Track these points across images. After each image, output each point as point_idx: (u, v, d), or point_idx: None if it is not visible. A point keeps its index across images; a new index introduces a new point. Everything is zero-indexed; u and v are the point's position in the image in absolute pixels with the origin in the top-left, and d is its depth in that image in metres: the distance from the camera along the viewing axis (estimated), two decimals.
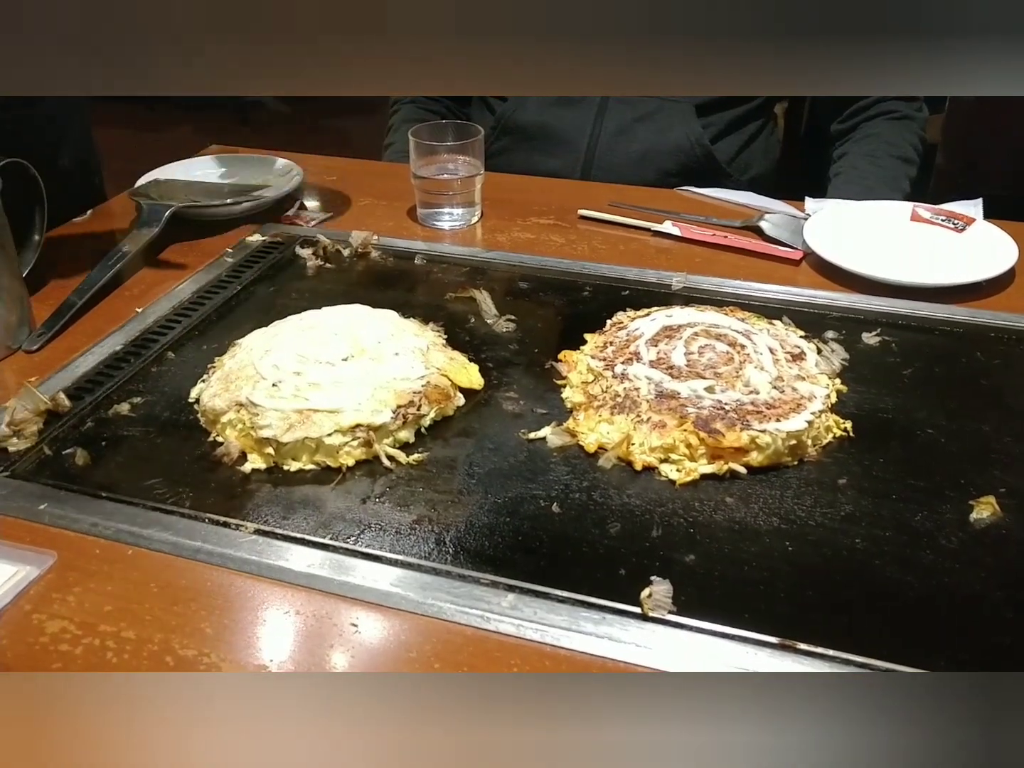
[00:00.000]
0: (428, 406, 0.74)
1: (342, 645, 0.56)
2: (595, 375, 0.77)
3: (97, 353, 0.84)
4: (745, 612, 0.57)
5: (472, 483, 0.69)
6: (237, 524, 0.64)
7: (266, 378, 0.74)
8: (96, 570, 0.61)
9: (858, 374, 0.81)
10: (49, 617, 0.57)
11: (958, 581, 0.60)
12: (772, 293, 0.94)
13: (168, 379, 0.81)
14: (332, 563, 0.61)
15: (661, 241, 1.08)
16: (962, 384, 0.80)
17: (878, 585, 0.59)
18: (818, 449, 0.71)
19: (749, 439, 0.68)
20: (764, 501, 0.66)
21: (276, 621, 0.57)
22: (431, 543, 0.63)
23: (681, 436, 0.69)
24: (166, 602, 0.58)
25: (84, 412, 0.76)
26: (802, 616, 0.57)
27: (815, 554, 0.62)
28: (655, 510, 0.65)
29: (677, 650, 0.55)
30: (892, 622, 0.57)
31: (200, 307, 0.92)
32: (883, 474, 0.69)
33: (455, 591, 0.59)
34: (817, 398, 0.73)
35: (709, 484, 0.68)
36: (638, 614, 0.57)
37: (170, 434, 0.74)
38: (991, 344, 0.86)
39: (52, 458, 0.71)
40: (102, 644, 0.56)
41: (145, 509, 0.66)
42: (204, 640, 0.56)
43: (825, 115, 1.44)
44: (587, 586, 0.59)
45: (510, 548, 0.62)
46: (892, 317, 0.90)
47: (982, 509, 0.65)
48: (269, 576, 0.60)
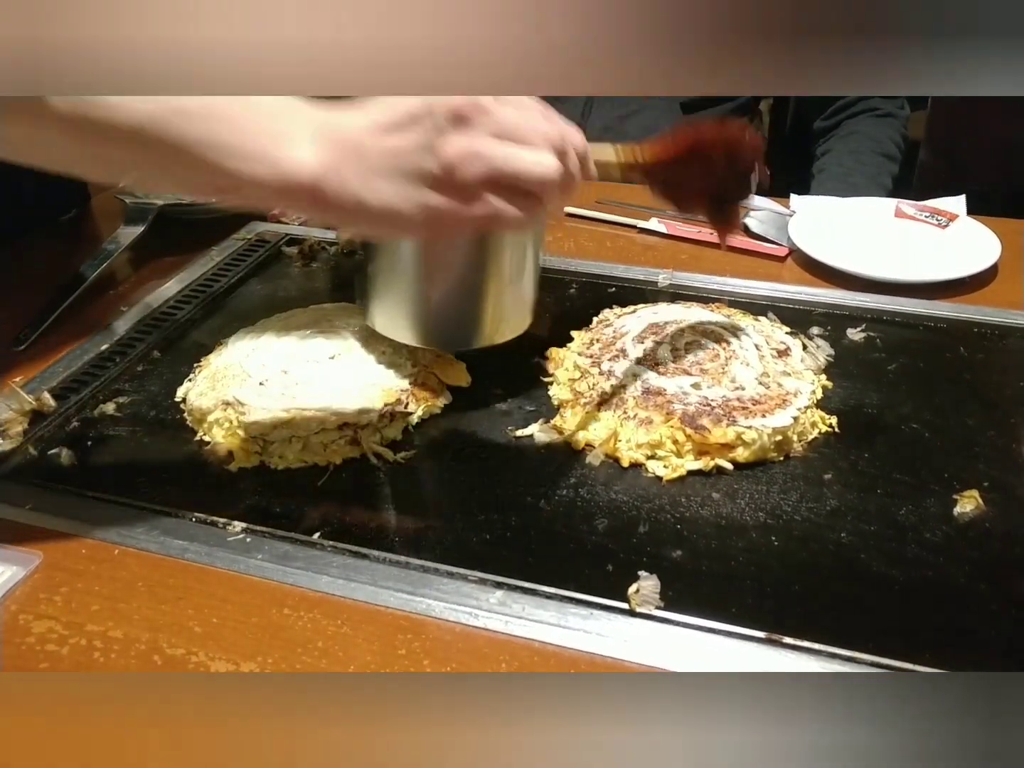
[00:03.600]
0: (415, 404, 0.74)
1: (331, 643, 0.56)
2: (582, 372, 0.77)
3: (82, 352, 0.84)
4: (732, 607, 0.57)
5: (459, 480, 0.69)
6: (224, 523, 0.64)
7: (253, 376, 0.74)
8: (83, 570, 0.61)
9: (843, 370, 0.81)
10: (36, 617, 0.57)
11: (943, 574, 0.60)
12: (757, 289, 0.95)
13: (154, 378, 0.81)
14: (320, 561, 0.61)
15: (647, 238, 1.08)
16: (946, 379, 0.81)
17: (864, 579, 0.60)
18: (804, 445, 0.72)
19: (735, 435, 0.68)
20: (750, 497, 0.67)
21: (264, 619, 0.57)
22: (419, 540, 0.63)
23: (668, 432, 0.69)
24: (154, 601, 0.58)
25: (70, 412, 0.76)
26: (789, 610, 0.57)
27: (801, 549, 0.62)
28: (642, 506, 0.66)
29: (665, 645, 0.55)
30: (878, 615, 0.58)
31: (186, 306, 0.92)
32: (868, 469, 0.70)
33: (443, 588, 0.59)
34: (803, 394, 0.74)
35: (696, 480, 0.68)
36: (626, 610, 0.57)
37: (156, 433, 0.74)
38: (974, 339, 0.86)
39: (37, 458, 0.71)
40: (89, 644, 0.55)
41: (132, 508, 0.65)
42: (192, 639, 0.56)
43: (809, 112, 1.44)
44: (575, 582, 0.59)
45: (498, 545, 0.62)
46: (877, 313, 0.90)
47: (966, 503, 0.66)
48: (257, 575, 0.60)
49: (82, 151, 0.53)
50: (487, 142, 0.52)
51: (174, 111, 0.50)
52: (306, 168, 0.52)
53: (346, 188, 0.52)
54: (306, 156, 0.52)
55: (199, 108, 0.51)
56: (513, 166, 0.53)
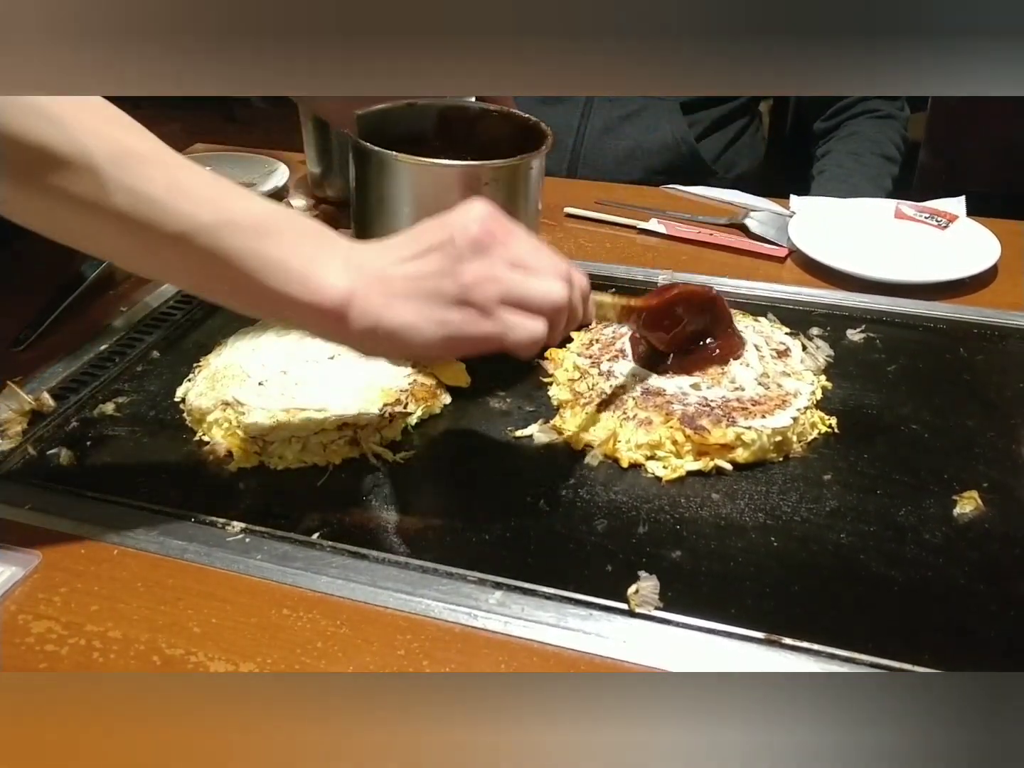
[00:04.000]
0: (415, 404, 0.74)
1: (330, 644, 0.55)
2: (581, 372, 0.77)
3: (82, 352, 0.84)
4: (731, 607, 0.57)
5: (459, 481, 0.69)
6: (224, 523, 0.64)
7: (252, 377, 0.74)
8: (82, 570, 0.61)
9: (843, 370, 0.81)
10: (35, 617, 0.57)
11: (942, 575, 0.60)
12: (757, 290, 0.95)
13: (154, 378, 0.81)
14: (319, 561, 0.61)
15: (647, 239, 1.08)
16: (945, 380, 0.81)
17: (863, 579, 0.60)
18: (803, 445, 0.72)
19: (735, 435, 0.68)
20: (750, 497, 0.67)
21: (263, 620, 0.57)
22: (418, 541, 0.63)
23: (667, 433, 0.69)
24: (153, 601, 0.58)
25: (69, 412, 0.76)
26: (788, 611, 0.57)
27: (801, 549, 0.62)
28: (641, 507, 0.66)
29: (664, 646, 0.55)
30: (877, 616, 0.58)
31: (186, 306, 0.92)
32: (868, 469, 0.70)
33: (442, 588, 0.59)
34: (802, 394, 0.74)
35: (695, 480, 0.68)
36: (625, 610, 0.57)
37: (156, 433, 0.74)
38: (974, 340, 0.86)
39: (36, 458, 0.71)
40: (88, 644, 0.55)
41: (131, 508, 0.65)
42: (191, 639, 0.56)
43: (809, 113, 1.45)
44: (574, 583, 0.59)
45: (497, 545, 0.62)
46: (876, 314, 0.91)
47: (965, 504, 0.66)
48: (256, 575, 0.60)
49: (130, 246, 0.56)
50: (503, 268, 0.56)
51: (225, 223, 0.54)
52: (337, 292, 0.55)
53: (370, 309, 0.56)
54: (338, 281, 0.56)
55: (251, 224, 0.55)
56: (526, 289, 0.57)
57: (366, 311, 0.56)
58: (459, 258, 0.55)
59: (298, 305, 0.56)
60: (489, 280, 0.56)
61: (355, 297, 0.56)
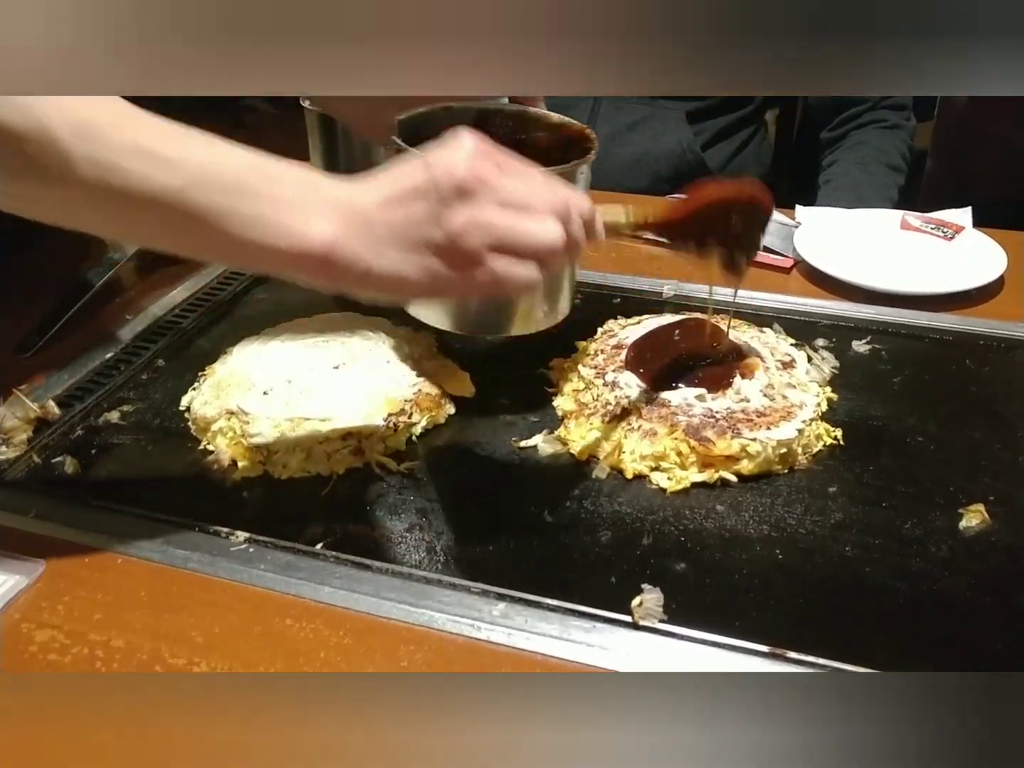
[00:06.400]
0: (419, 414, 0.74)
1: (333, 654, 0.55)
2: (586, 383, 0.77)
3: (87, 361, 0.84)
4: (735, 620, 0.57)
5: (463, 491, 0.69)
6: (228, 532, 0.64)
7: (257, 385, 0.74)
8: (86, 578, 0.61)
9: (848, 382, 0.81)
10: (38, 626, 0.57)
11: (948, 588, 0.60)
12: (763, 301, 0.94)
13: (159, 387, 0.81)
14: (322, 572, 0.61)
15: (652, 248, 1.07)
16: (952, 392, 0.80)
17: (868, 592, 0.60)
18: (808, 457, 0.71)
19: (740, 447, 0.68)
20: (755, 509, 0.66)
21: (266, 630, 0.57)
22: (422, 551, 0.63)
23: (672, 444, 0.69)
24: (156, 610, 0.58)
25: (74, 420, 0.76)
26: (792, 624, 0.57)
27: (806, 562, 0.62)
28: (646, 518, 0.65)
29: (667, 659, 0.55)
30: (882, 629, 0.57)
31: (191, 314, 0.92)
32: (873, 482, 0.69)
33: (446, 600, 0.59)
34: (807, 406, 0.73)
35: (700, 492, 0.68)
36: (629, 622, 0.57)
37: (160, 442, 0.74)
38: (980, 352, 0.86)
39: (41, 466, 0.71)
40: (91, 653, 0.55)
41: (135, 517, 0.65)
42: (195, 649, 0.56)
43: (815, 123, 1.44)
44: (578, 594, 0.59)
45: (501, 556, 0.62)
46: (882, 325, 0.90)
47: (971, 517, 0.65)
48: (260, 585, 0.60)
49: (104, 216, 0.56)
50: (491, 212, 0.54)
51: (193, 184, 0.53)
52: (320, 239, 0.54)
53: (356, 257, 0.54)
54: (321, 228, 0.54)
55: (221, 181, 0.54)
56: (515, 234, 0.54)
57: (351, 258, 0.54)
58: (444, 203, 0.53)
59: (283, 255, 0.54)
60: (476, 227, 0.53)
61: (338, 242, 0.54)
